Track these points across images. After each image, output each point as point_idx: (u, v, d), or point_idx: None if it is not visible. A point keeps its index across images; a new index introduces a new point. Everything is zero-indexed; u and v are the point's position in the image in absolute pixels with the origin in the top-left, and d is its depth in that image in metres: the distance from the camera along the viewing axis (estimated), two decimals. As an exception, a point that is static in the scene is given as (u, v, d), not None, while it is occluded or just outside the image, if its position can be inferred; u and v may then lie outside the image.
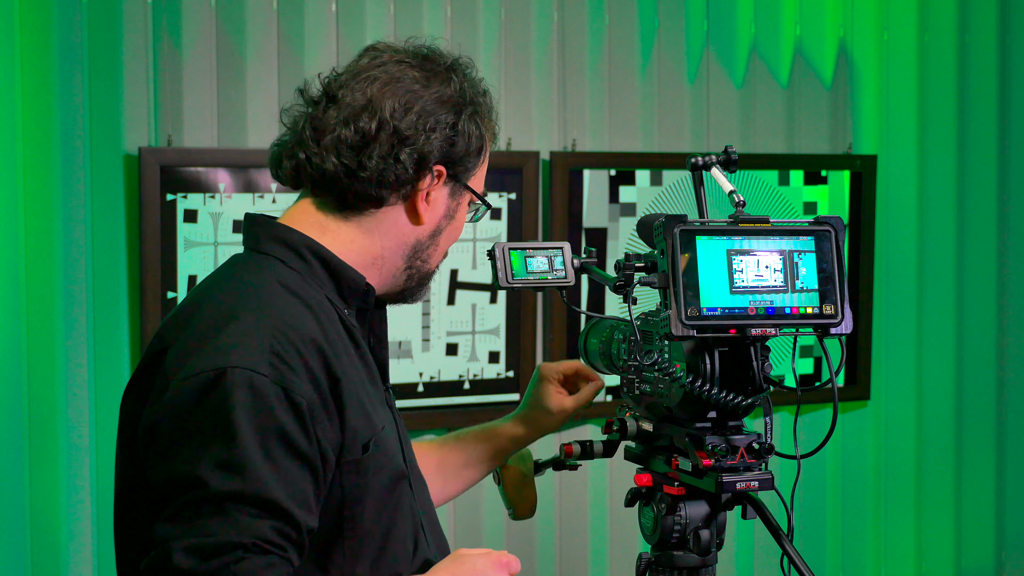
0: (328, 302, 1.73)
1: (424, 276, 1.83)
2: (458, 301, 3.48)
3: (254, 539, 1.50)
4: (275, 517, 1.52)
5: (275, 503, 1.52)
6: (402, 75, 1.75)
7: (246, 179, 3.22)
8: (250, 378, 1.54)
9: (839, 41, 3.95)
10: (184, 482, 1.52)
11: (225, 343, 1.58)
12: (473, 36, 3.51)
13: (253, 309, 1.63)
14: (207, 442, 1.53)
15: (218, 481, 1.51)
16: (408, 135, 1.73)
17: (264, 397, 1.54)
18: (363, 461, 1.65)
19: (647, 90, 3.70)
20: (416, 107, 1.74)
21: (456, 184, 1.79)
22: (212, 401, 1.54)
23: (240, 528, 1.50)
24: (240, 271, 1.74)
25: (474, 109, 1.80)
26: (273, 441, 1.54)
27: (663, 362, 1.74)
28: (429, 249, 1.80)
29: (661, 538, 1.82)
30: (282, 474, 1.54)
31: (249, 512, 1.51)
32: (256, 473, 1.52)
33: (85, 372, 3.14)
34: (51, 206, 3.11)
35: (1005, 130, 4.15)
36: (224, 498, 1.51)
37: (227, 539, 1.49)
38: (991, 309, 4.17)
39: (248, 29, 3.27)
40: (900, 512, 4.12)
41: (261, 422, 1.54)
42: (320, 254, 1.74)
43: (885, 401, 4.07)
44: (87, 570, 3.16)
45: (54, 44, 3.09)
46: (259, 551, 1.50)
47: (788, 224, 1.69)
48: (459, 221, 1.83)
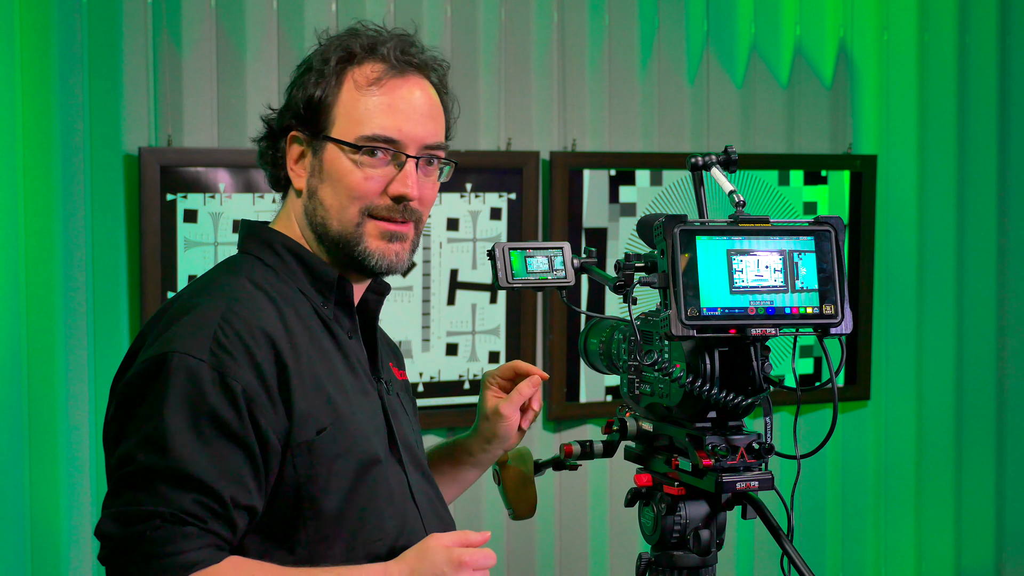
0: (302, 295, 1.81)
1: (336, 239, 1.82)
2: (458, 301, 3.48)
3: (172, 510, 1.61)
4: (197, 491, 1.62)
5: (197, 478, 1.62)
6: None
7: (246, 179, 3.22)
8: (188, 363, 1.65)
9: (839, 41, 3.95)
10: (121, 458, 1.65)
11: (175, 332, 1.69)
12: (473, 36, 3.51)
13: (210, 301, 1.73)
14: (142, 422, 1.65)
15: (144, 456, 1.63)
16: (272, 118, 1.89)
17: (199, 381, 1.65)
18: (315, 445, 1.71)
19: (647, 90, 3.70)
20: (287, 93, 1.88)
21: (313, 140, 1.83)
22: (153, 384, 1.66)
23: (160, 499, 1.61)
24: (216, 270, 1.86)
25: (318, 67, 1.83)
26: (204, 422, 1.64)
27: (663, 362, 1.74)
28: (317, 212, 1.83)
29: (661, 538, 1.82)
30: (210, 452, 1.64)
31: (171, 485, 1.62)
32: (180, 450, 1.62)
33: (85, 372, 3.14)
34: (51, 206, 3.11)
35: (1005, 130, 4.15)
36: (150, 472, 1.62)
37: (146, 508, 1.61)
38: (991, 309, 4.17)
39: (248, 29, 3.27)
40: (900, 512, 4.12)
41: (194, 403, 1.64)
42: (292, 249, 1.84)
43: (885, 401, 4.07)
44: (87, 570, 3.16)
45: (54, 44, 3.09)
46: (177, 521, 1.61)
47: (788, 224, 1.69)
48: (334, 172, 1.81)
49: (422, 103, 1.84)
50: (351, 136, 1.80)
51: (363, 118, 1.81)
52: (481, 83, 3.51)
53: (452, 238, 3.46)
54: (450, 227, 3.46)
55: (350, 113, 1.81)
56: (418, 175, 1.83)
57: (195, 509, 1.62)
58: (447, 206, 3.46)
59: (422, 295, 3.45)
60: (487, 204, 3.50)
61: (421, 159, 1.83)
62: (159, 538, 1.60)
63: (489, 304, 3.51)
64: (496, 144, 3.53)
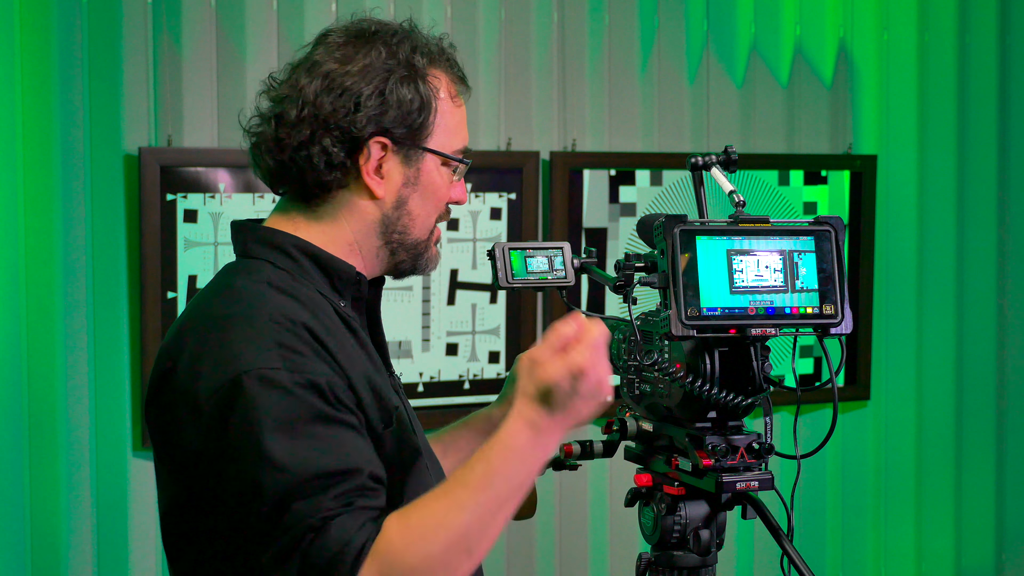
0: (321, 296, 1.74)
1: (412, 246, 1.80)
2: (458, 301, 3.48)
3: (317, 518, 1.53)
4: (330, 484, 1.55)
5: (324, 473, 1.55)
6: (323, 58, 1.76)
7: (246, 179, 3.22)
8: (265, 376, 1.57)
9: (839, 41, 3.95)
10: (245, 499, 1.56)
11: (233, 351, 1.60)
12: (473, 36, 3.51)
13: (247, 310, 1.65)
14: (247, 453, 1.56)
15: (271, 484, 1.54)
16: (328, 118, 1.72)
17: (285, 389, 1.57)
18: (384, 438, 1.68)
19: (647, 90, 3.70)
20: (336, 87, 1.72)
21: (410, 149, 1.76)
22: (238, 412, 1.57)
23: (301, 517, 1.53)
24: (230, 278, 1.76)
25: (406, 70, 1.75)
26: (305, 424, 1.57)
27: (663, 362, 1.74)
28: (401, 221, 1.78)
29: (661, 538, 1.82)
30: (326, 445, 1.57)
31: (303, 497, 1.54)
32: (296, 460, 1.54)
33: (85, 372, 3.14)
34: (51, 206, 3.10)
35: (1005, 130, 4.15)
36: (280, 501, 1.54)
37: (294, 535, 1.53)
38: (991, 309, 4.17)
39: (248, 29, 3.27)
40: (900, 512, 4.12)
41: (290, 413, 1.57)
42: (308, 250, 1.76)
43: (885, 401, 4.07)
44: (87, 570, 3.16)
45: (54, 44, 3.09)
46: (326, 524, 1.53)
47: (788, 224, 1.69)
48: (430, 184, 1.78)
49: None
50: (450, 149, 1.79)
51: (456, 131, 1.80)
52: (481, 83, 3.51)
53: (452, 238, 3.46)
54: (450, 227, 3.45)
55: (448, 126, 1.78)
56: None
57: (337, 503, 1.54)
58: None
59: (422, 295, 3.45)
60: (487, 204, 3.50)
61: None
62: (319, 549, 1.52)
63: (489, 304, 3.51)
64: (496, 144, 3.53)
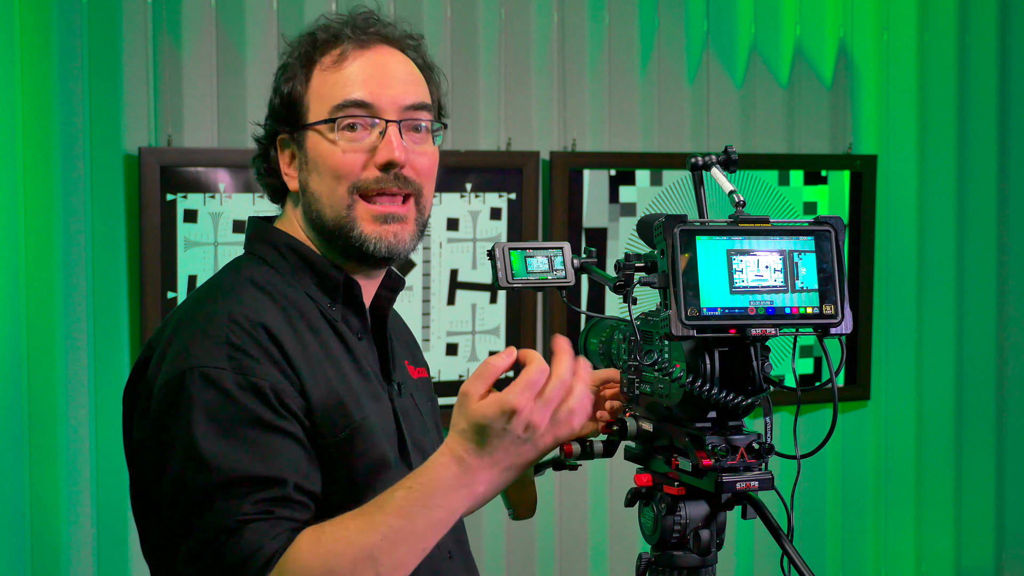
0: (308, 298, 1.76)
1: (331, 228, 1.77)
2: (458, 301, 3.48)
3: (235, 519, 1.54)
4: (253, 490, 1.56)
5: (250, 477, 1.56)
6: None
7: (246, 179, 3.21)
8: (209, 375, 1.59)
9: (839, 41, 3.95)
10: (174, 491, 1.58)
11: (185, 345, 1.63)
12: (473, 36, 3.51)
13: (211, 308, 1.68)
14: (178, 448, 1.58)
15: (194, 481, 1.56)
16: (259, 134, 1.86)
17: (226, 390, 1.59)
18: (332, 448, 1.68)
19: (647, 90, 3.70)
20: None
21: (295, 134, 1.79)
22: (178, 407, 1.59)
23: (220, 515, 1.55)
24: (221, 272, 1.80)
25: (295, 61, 1.80)
26: (239, 427, 1.58)
27: (663, 362, 1.74)
28: (312, 206, 1.78)
29: (661, 538, 1.82)
30: (257, 450, 1.58)
31: (226, 496, 1.55)
32: (223, 459, 1.56)
33: (85, 372, 3.14)
34: (51, 206, 3.11)
35: (1005, 130, 4.15)
36: (203, 494, 1.56)
37: (211, 532, 1.55)
38: (991, 309, 4.17)
39: (248, 29, 3.27)
40: (900, 512, 4.12)
41: (226, 413, 1.58)
42: (296, 249, 1.79)
43: (885, 401, 4.07)
44: (87, 570, 3.16)
45: (54, 44, 3.09)
46: (242, 527, 1.54)
47: (788, 224, 1.69)
48: (317, 157, 1.77)
49: (393, 67, 1.79)
50: (324, 114, 1.76)
51: (332, 93, 1.76)
52: (481, 83, 3.51)
53: (452, 238, 3.46)
54: (450, 227, 3.45)
55: (321, 94, 1.77)
56: (405, 142, 1.76)
57: (256, 508, 1.55)
58: (447, 206, 3.46)
59: (422, 295, 3.45)
60: (487, 204, 3.50)
61: (404, 123, 1.76)
62: (232, 551, 1.54)
63: (489, 304, 3.51)
64: (496, 144, 3.53)
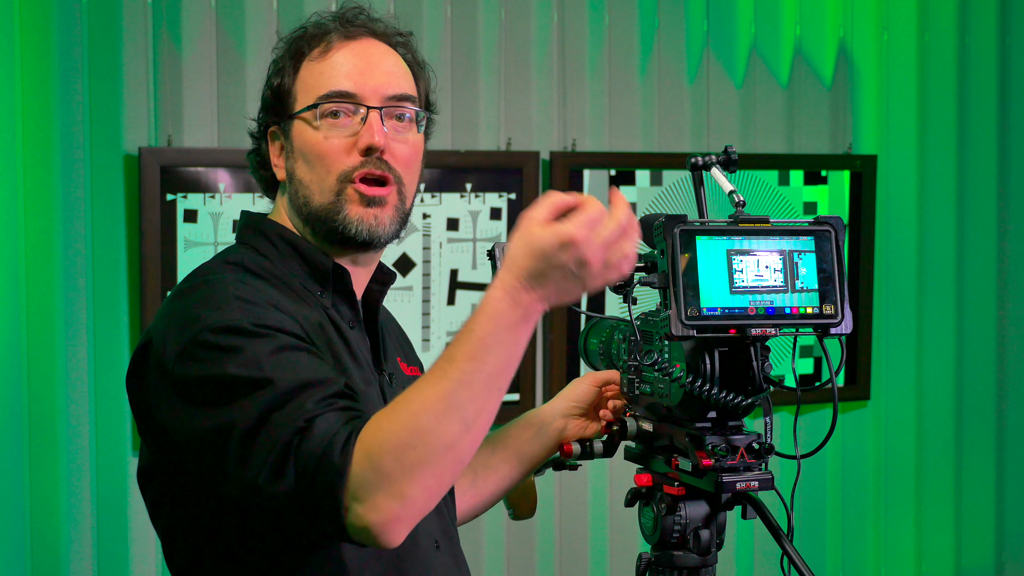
0: (301, 286, 1.77)
1: (318, 214, 1.78)
2: (458, 301, 3.48)
3: (301, 421, 1.50)
4: (311, 392, 1.53)
5: (303, 383, 1.53)
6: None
7: (246, 179, 3.21)
8: (226, 326, 1.58)
9: (839, 41, 3.95)
10: (223, 430, 1.54)
11: (193, 315, 1.62)
12: (473, 36, 3.51)
13: (209, 278, 1.69)
14: (218, 388, 1.55)
15: (240, 414, 1.52)
16: (252, 128, 1.89)
17: (247, 330, 1.58)
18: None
19: (647, 90, 3.70)
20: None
21: (283, 124, 1.82)
22: (204, 360, 1.58)
23: (283, 425, 1.50)
24: (209, 261, 1.81)
25: (286, 54, 1.84)
26: (274, 353, 1.56)
27: (663, 362, 1.74)
28: (300, 193, 1.79)
29: (661, 538, 1.82)
30: (297, 364, 1.56)
31: (283, 408, 1.52)
32: (271, 375, 1.53)
33: (85, 372, 3.14)
34: (51, 206, 3.11)
35: (1005, 130, 4.15)
36: (261, 412, 1.52)
37: (283, 441, 1.50)
38: (991, 309, 4.17)
39: (248, 29, 3.27)
40: (900, 512, 4.12)
41: (255, 347, 1.56)
42: (286, 237, 1.81)
43: (885, 401, 4.07)
44: (87, 570, 3.16)
45: (54, 44, 3.09)
46: (308, 424, 1.50)
47: (788, 224, 1.69)
48: (303, 145, 1.79)
49: (378, 58, 1.82)
50: (309, 103, 1.79)
51: (318, 83, 1.79)
52: (481, 83, 3.51)
53: (452, 238, 3.46)
54: (450, 227, 3.45)
55: (307, 85, 1.80)
56: (387, 129, 1.78)
57: (319, 406, 1.52)
58: (447, 206, 3.46)
59: (422, 295, 3.45)
60: (487, 204, 3.49)
61: (386, 110, 1.79)
62: (310, 445, 1.48)
63: (489, 304, 3.51)
64: (496, 144, 3.53)
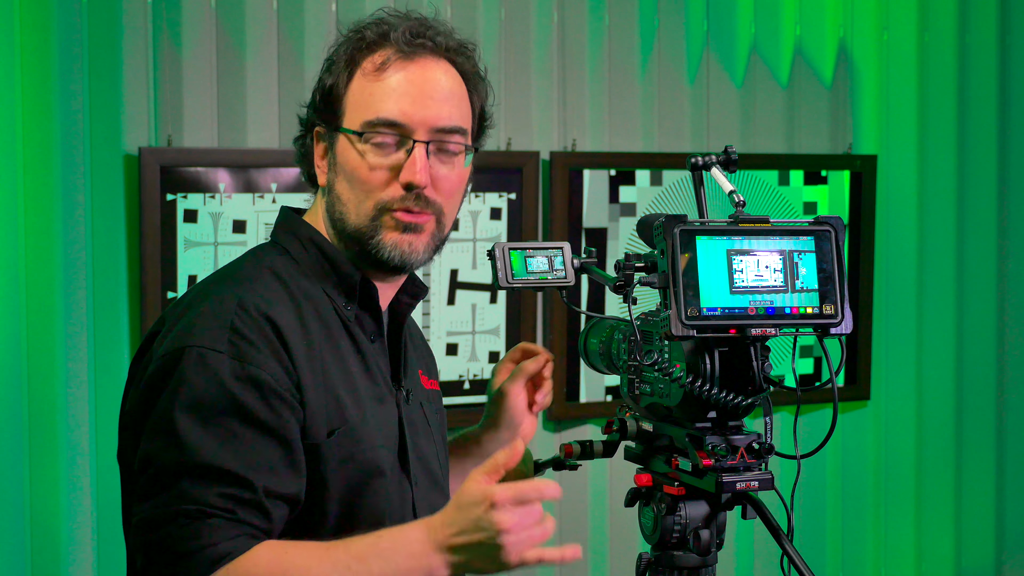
0: (324, 294, 1.75)
1: (353, 234, 1.76)
2: (458, 301, 3.48)
3: (197, 506, 1.55)
4: (222, 483, 1.56)
5: (221, 470, 1.56)
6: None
7: (246, 179, 3.22)
8: (205, 356, 1.59)
9: (839, 41, 3.95)
10: (143, 461, 1.59)
11: (191, 322, 1.64)
12: (473, 36, 3.49)
13: (224, 290, 1.68)
14: (159, 420, 1.59)
15: (165, 455, 1.57)
16: (303, 116, 1.85)
17: (218, 374, 1.59)
18: (323, 447, 1.67)
19: (647, 90, 3.70)
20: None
21: (331, 133, 1.79)
22: (169, 380, 1.60)
23: (183, 496, 1.55)
24: (243, 256, 1.80)
25: (341, 56, 1.79)
26: (225, 416, 1.58)
27: (663, 362, 1.74)
28: (336, 207, 1.77)
29: (661, 538, 1.82)
30: (235, 444, 1.57)
31: (193, 481, 1.55)
32: (200, 444, 1.56)
33: (85, 372, 3.14)
34: (51, 206, 3.11)
35: (1005, 130, 4.15)
36: (171, 470, 1.56)
37: (171, 508, 1.55)
38: (991, 309, 4.17)
39: (248, 29, 3.27)
40: (900, 512, 4.12)
41: (213, 399, 1.58)
42: (317, 243, 1.79)
43: (885, 401, 4.07)
44: (87, 570, 3.16)
45: (54, 44, 3.09)
46: (202, 516, 1.54)
47: (788, 224, 1.69)
48: (346, 164, 1.75)
49: (433, 85, 1.76)
50: (356, 124, 1.74)
51: (368, 105, 1.74)
52: (481, 83, 3.51)
53: (452, 238, 3.45)
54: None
55: (357, 102, 1.75)
56: (432, 162, 1.74)
57: (221, 502, 1.55)
58: (447, 206, 3.46)
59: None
60: (487, 204, 3.50)
61: (433, 144, 1.74)
62: (185, 535, 1.53)
63: (489, 304, 3.51)
64: (496, 144, 3.53)
